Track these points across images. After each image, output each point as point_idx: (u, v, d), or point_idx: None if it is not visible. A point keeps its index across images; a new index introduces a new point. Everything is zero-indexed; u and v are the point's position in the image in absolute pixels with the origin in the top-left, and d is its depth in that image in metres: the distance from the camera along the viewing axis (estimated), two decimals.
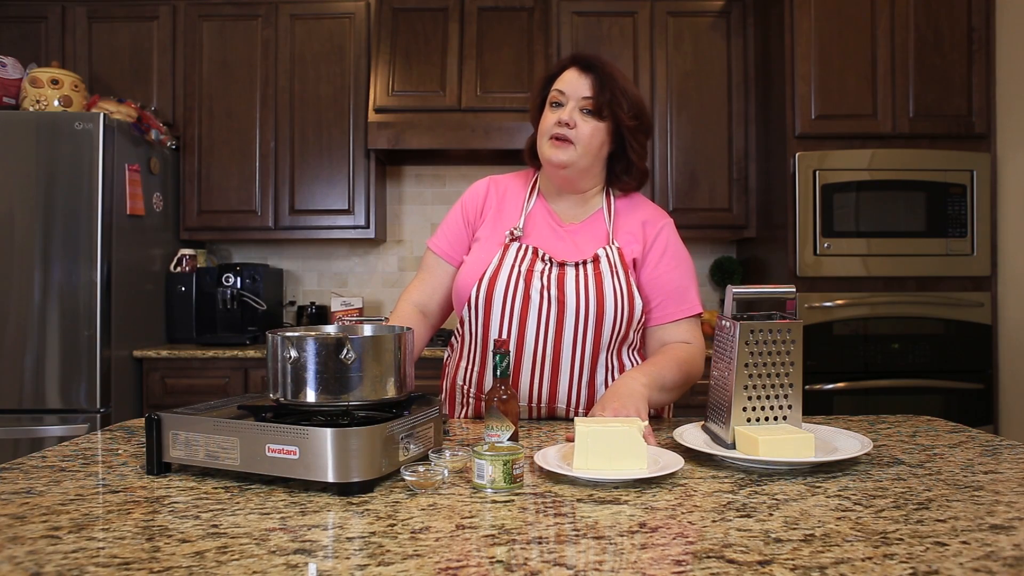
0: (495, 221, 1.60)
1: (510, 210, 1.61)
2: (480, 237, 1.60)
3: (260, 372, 3.06)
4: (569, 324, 1.49)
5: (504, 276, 1.51)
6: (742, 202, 3.38)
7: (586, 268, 1.51)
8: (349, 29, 3.42)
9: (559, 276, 1.50)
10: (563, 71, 1.54)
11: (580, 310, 1.48)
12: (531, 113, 1.62)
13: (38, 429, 2.79)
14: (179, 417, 1.10)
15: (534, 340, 1.50)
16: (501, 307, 1.50)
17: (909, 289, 2.99)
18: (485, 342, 1.54)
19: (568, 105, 1.50)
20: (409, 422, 1.10)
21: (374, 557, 0.79)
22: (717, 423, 1.25)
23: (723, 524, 0.89)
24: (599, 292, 1.48)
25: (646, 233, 1.57)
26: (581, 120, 1.49)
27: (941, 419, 1.56)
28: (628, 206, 1.61)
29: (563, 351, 1.50)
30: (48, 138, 2.80)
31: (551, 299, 1.49)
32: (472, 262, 1.57)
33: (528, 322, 1.50)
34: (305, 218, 3.41)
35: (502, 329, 1.51)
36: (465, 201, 1.66)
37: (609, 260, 1.52)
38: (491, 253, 1.55)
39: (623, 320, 1.50)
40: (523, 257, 1.52)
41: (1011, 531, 0.86)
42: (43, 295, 2.80)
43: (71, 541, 0.84)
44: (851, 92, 3.00)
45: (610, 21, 3.40)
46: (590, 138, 1.50)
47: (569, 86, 1.50)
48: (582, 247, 1.55)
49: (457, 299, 1.59)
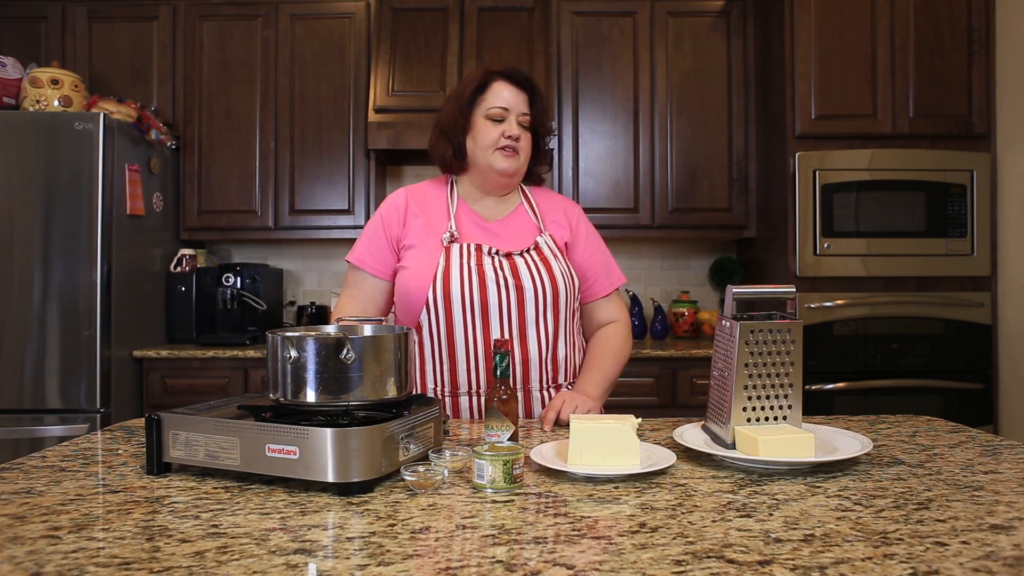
0: (424, 227, 1.66)
1: (435, 216, 1.68)
2: (412, 244, 1.66)
3: (260, 372, 3.06)
4: (530, 306, 1.59)
5: (456, 272, 1.58)
6: (742, 202, 3.38)
7: (532, 255, 1.64)
8: (349, 29, 3.42)
9: (511, 265, 1.61)
10: (490, 84, 1.65)
11: (538, 291, 1.59)
12: (448, 120, 1.68)
13: (38, 429, 2.79)
14: (179, 417, 1.10)
15: (499, 324, 1.59)
16: (460, 301, 1.57)
17: (909, 289, 2.99)
18: (451, 340, 1.59)
19: (510, 119, 1.64)
20: (409, 422, 1.11)
21: (374, 557, 0.79)
22: (717, 423, 1.25)
23: (723, 524, 0.89)
24: (550, 273, 1.62)
25: (569, 220, 1.74)
26: (522, 132, 1.65)
27: (941, 419, 1.56)
28: (543, 198, 1.77)
29: (528, 333, 1.60)
30: (48, 138, 2.80)
31: (508, 285, 1.59)
32: (415, 267, 1.62)
33: (490, 311, 1.58)
34: (305, 218, 3.41)
35: (465, 322, 1.57)
36: (384, 214, 1.70)
37: (548, 246, 1.67)
38: (433, 255, 1.62)
39: (572, 296, 1.66)
40: (468, 253, 1.61)
41: (1011, 531, 0.86)
42: (43, 295, 2.80)
43: (71, 541, 0.84)
44: (851, 92, 3.00)
45: (610, 21, 3.40)
46: (528, 147, 1.68)
47: (509, 102, 1.64)
48: (516, 239, 1.67)
49: (409, 305, 1.62)
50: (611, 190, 3.36)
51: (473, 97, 1.65)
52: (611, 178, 3.37)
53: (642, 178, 3.39)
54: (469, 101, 1.65)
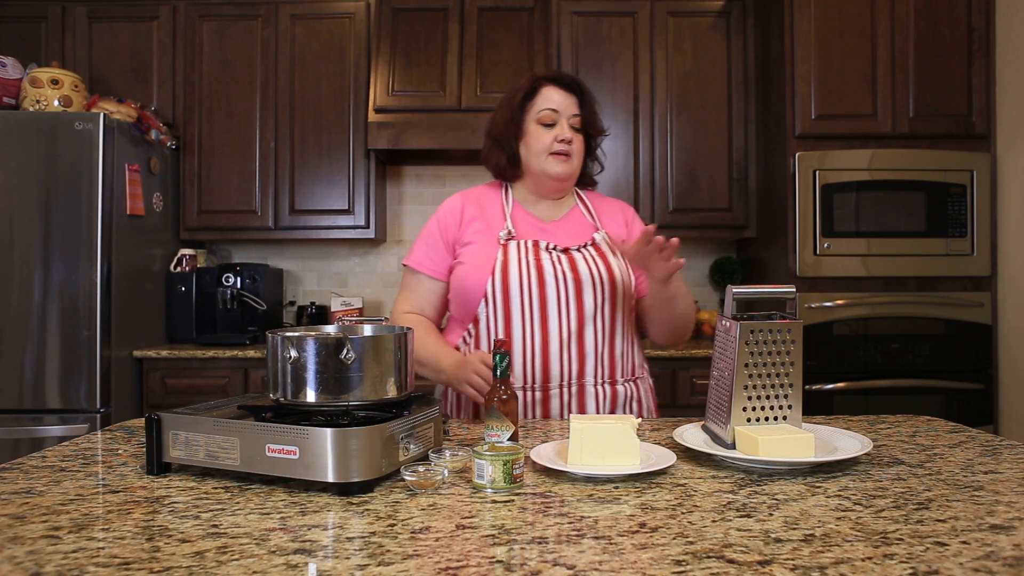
0: (482, 227, 1.67)
1: (492, 217, 1.69)
2: (470, 241, 1.66)
3: (260, 372, 3.06)
4: (588, 298, 1.59)
5: (515, 264, 1.59)
6: (742, 202, 3.38)
7: (590, 250, 1.65)
8: (349, 29, 3.42)
9: (569, 259, 1.61)
10: (539, 89, 1.66)
11: (596, 283, 1.60)
12: (499, 129, 1.68)
13: (38, 429, 2.79)
14: (179, 417, 1.10)
15: (557, 319, 1.58)
16: (519, 293, 1.57)
17: (909, 289, 2.99)
18: (508, 333, 1.60)
19: (562, 122, 1.64)
20: (409, 422, 1.11)
21: (374, 557, 0.79)
22: (717, 423, 1.25)
23: (723, 524, 0.89)
24: (607, 266, 1.63)
25: (625, 217, 1.78)
26: (574, 135, 1.65)
27: (941, 419, 1.56)
28: (597, 200, 1.79)
29: (586, 325, 1.59)
30: (48, 138, 2.80)
31: (566, 278, 1.59)
32: (473, 261, 1.63)
33: (548, 304, 1.58)
34: (305, 218, 3.41)
35: (523, 315, 1.57)
36: (440, 218, 1.71)
37: (606, 243, 1.68)
38: (491, 251, 1.62)
39: (630, 290, 1.66)
40: (526, 249, 1.62)
41: (1011, 531, 0.86)
42: (43, 295, 2.80)
43: (71, 541, 0.84)
44: (851, 92, 3.00)
45: (610, 21, 3.40)
46: (581, 149, 1.69)
47: (559, 105, 1.64)
48: (573, 237, 1.68)
49: (466, 299, 1.63)
50: (611, 190, 3.35)
51: (523, 103, 1.66)
52: (611, 178, 3.37)
53: (642, 178, 3.39)
54: (520, 108, 1.66)
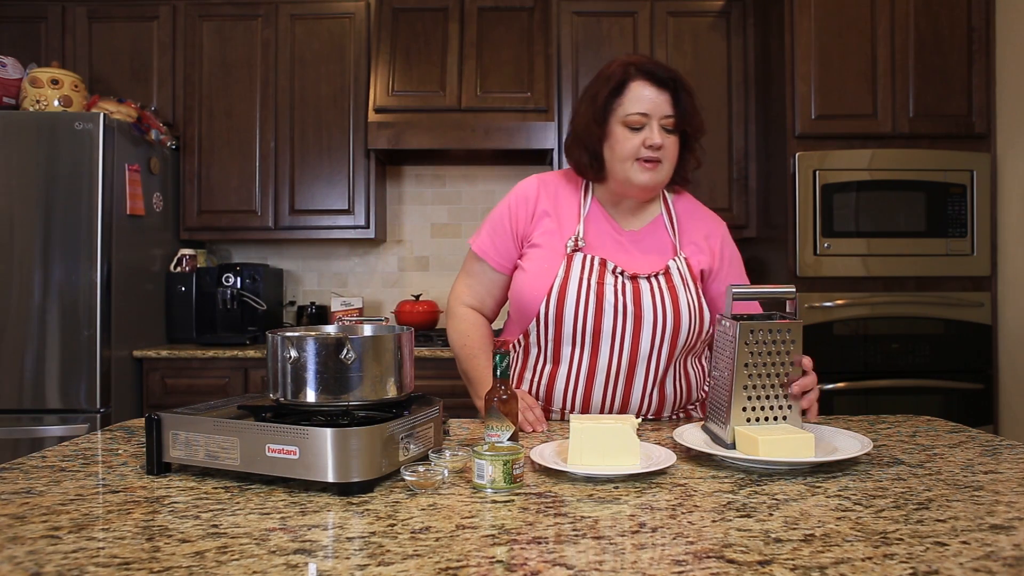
0: (552, 226, 1.54)
1: (566, 215, 1.55)
2: (537, 243, 1.54)
3: (260, 372, 3.06)
4: (646, 336, 1.48)
5: (574, 288, 1.47)
6: (742, 202, 3.38)
7: (659, 281, 1.49)
8: (349, 29, 3.42)
9: (634, 289, 1.48)
10: (628, 84, 1.47)
11: (657, 323, 1.47)
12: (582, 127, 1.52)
13: (38, 429, 2.79)
14: (179, 417, 1.10)
15: (608, 351, 1.48)
16: (573, 320, 1.47)
17: (909, 289, 2.99)
18: (556, 358, 1.52)
19: (652, 125, 1.47)
20: (409, 422, 1.10)
21: (374, 557, 0.79)
22: (717, 423, 1.25)
23: (723, 524, 0.89)
24: (675, 306, 1.48)
25: (711, 246, 1.58)
26: (665, 138, 1.47)
27: (941, 419, 1.56)
28: (685, 211, 1.61)
29: (639, 362, 1.49)
30: (48, 138, 2.80)
31: (627, 312, 1.47)
32: (534, 272, 1.52)
33: (602, 334, 1.47)
34: (305, 218, 3.41)
35: (574, 343, 1.49)
36: (512, 204, 1.58)
37: (680, 273, 1.51)
38: (554, 263, 1.50)
39: (695, 332, 1.51)
40: (591, 269, 1.49)
41: (1011, 531, 0.86)
42: (43, 295, 2.80)
43: (71, 541, 0.84)
44: (851, 92, 3.00)
45: (610, 21, 3.40)
46: (674, 153, 1.51)
47: (649, 106, 1.46)
48: (648, 257, 1.53)
49: (522, 311, 1.54)
50: None
51: (609, 101, 1.48)
52: None
53: None
54: (604, 107, 1.48)
